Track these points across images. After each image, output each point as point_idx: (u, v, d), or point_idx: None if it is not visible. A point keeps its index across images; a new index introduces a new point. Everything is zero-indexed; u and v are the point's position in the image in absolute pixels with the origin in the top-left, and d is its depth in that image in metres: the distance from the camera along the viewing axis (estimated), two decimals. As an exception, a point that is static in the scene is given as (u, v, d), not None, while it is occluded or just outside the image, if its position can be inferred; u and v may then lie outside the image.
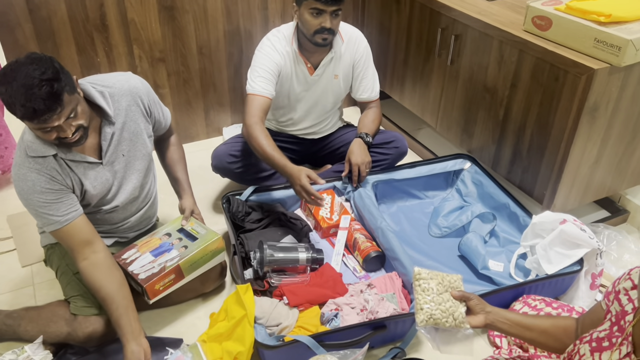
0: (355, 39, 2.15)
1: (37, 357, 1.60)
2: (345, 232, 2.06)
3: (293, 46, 2.06)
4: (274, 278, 1.81)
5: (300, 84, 2.14)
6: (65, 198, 1.53)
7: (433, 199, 2.34)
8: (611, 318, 1.16)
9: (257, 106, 1.99)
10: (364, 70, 2.19)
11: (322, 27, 1.94)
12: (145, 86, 1.70)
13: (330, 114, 2.30)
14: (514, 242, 2.03)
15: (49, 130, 1.39)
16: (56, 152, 1.49)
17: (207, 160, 2.28)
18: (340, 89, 2.22)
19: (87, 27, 2.24)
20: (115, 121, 1.59)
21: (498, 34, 1.98)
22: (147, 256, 1.68)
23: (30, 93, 1.30)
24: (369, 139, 2.16)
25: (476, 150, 2.27)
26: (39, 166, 1.48)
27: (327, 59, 2.10)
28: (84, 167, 1.56)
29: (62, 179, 1.52)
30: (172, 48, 2.45)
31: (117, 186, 1.66)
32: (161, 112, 1.78)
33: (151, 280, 1.60)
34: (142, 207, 1.80)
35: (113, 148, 1.61)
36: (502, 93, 2.05)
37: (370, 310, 1.68)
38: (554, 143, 1.89)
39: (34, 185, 1.49)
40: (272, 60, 2.04)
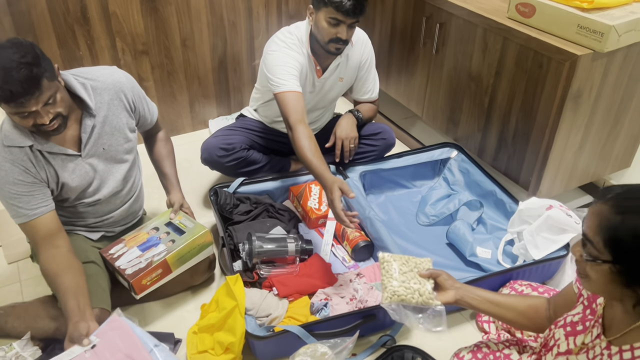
0: (363, 42, 2.13)
1: (25, 353, 1.59)
2: (333, 222, 2.06)
3: (307, 49, 2.02)
4: (263, 269, 1.81)
5: (309, 85, 2.12)
6: (37, 192, 1.52)
7: (421, 188, 2.35)
8: (583, 302, 1.18)
9: (295, 103, 1.86)
10: (368, 72, 2.19)
11: (337, 37, 1.90)
12: (130, 81, 1.68)
13: (325, 112, 2.31)
14: (501, 229, 2.05)
15: (26, 115, 1.38)
16: (32, 144, 1.48)
17: (194, 152, 2.27)
18: (342, 90, 2.23)
19: (67, 20, 2.21)
20: (96, 114, 1.57)
21: (482, 21, 1.99)
22: (134, 251, 1.67)
23: (9, 76, 1.29)
24: (360, 115, 2.16)
25: (462, 138, 2.29)
26: (14, 157, 1.47)
27: (335, 63, 2.08)
28: (62, 159, 1.55)
29: (36, 172, 1.51)
30: (155, 40, 2.42)
31: (98, 180, 1.65)
32: (147, 107, 1.77)
33: (138, 276, 1.59)
34: (127, 201, 1.79)
35: (93, 141, 1.59)
36: (486, 81, 2.06)
37: (359, 299, 1.69)
38: (538, 130, 1.90)
39: (6, 175, 1.48)
40: (295, 59, 1.95)
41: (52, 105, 1.41)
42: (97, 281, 1.64)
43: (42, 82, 1.35)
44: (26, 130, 1.47)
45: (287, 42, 1.98)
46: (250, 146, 2.21)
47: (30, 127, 1.42)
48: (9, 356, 1.59)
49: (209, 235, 1.74)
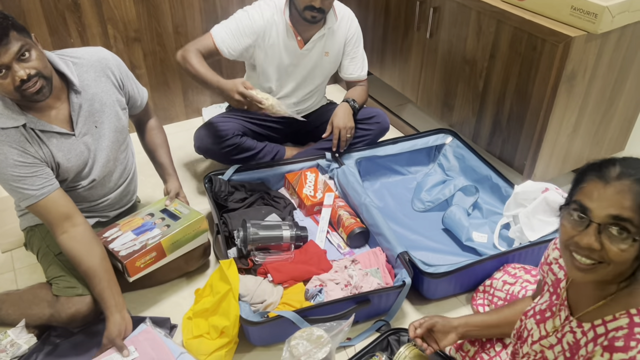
0: (348, 18, 2.14)
1: (20, 340, 1.59)
2: (329, 209, 2.06)
3: (285, 16, 2.03)
4: (258, 256, 1.80)
5: (290, 57, 2.11)
6: (40, 172, 1.51)
7: (416, 175, 2.35)
8: (549, 289, 1.18)
9: (204, 45, 1.99)
10: (355, 49, 2.18)
11: (311, 5, 1.91)
12: (116, 59, 1.69)
13: (315, 91, 2.28)
14: (496, 213, 2.04)
15: (4, 70, 1.37)
16: (25, 122, 1.48)
17: (188, 141, 2.26)
18: (329, 67, 2.21)
19: (58, 6, 2.19)
20: (81, 90, 1.57)
21: (476, 4, 1.97)
22: (128, 234, 1.67)
23: None
24: (356, 104, 2.16)
25: (457, 123, 2.28)
26: (10, 139, 1.46)
27: (318, 35, 2.07)
28: (56, 138, 1.54)
29: (35, 151, 1.50)
30: (148, 27, 2.40)
31: (92, 159, 1.64)
32: (135, 88, 1.76)
33: (131, 257, 1.58)
34: (121, 184, 1.78)
35: (84, 119, 1.59)
36: (481, 64, 2.05)
37: (354, 285, 1.69)
38: (533, 113, 1.89)
39: (6, 159, 1.46)
40: (251, 23, 2.01)
41: (27, 61, 1.39)
42: None
43: (10, 32, 1.35)
44: (17, 108, 1.47)
45: (262, 7, 2.04)
46: (244, 133, 2.20)
47: (13, 90, 1.40)
48: (3, 343, 1.58)
49: (204, 221, 1.74)
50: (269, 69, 2.14)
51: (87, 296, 1.58)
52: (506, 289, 1.65)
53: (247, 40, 2.03)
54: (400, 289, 1.63)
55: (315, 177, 2.17)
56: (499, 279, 1.69)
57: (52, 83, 1.47)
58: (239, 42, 2.03)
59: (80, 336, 1.64)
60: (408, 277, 1.64)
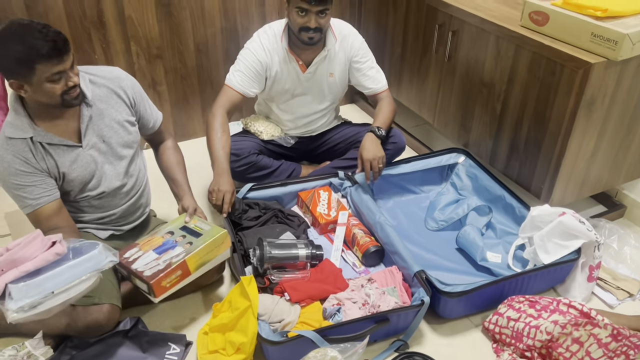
0: (349, 36, 2.15)
1: (37, 352, 1.59)
2: (343, 227, 2.07)
3: (282, 43, 2.07)
4: (274, 275, 1.81)
5: (293, 81, 2.15)
6: (40, 182, 1.57)
7: (429, 194, 2.35)
8: None
9: (226, 97, 2.07)
10: (364, 64, 2.18)
11: (306, 26, 1.95)
12: (131, 79, 1.75)
13: (327, 111, 2.31)
14: (510, 234, 2.05)
15: (59, 78, 1.46)
16: (32, 136, 1.55)
17: (204, 157, 2.27)
18: (337, 87, 2.23)
19: (84, 23, 2.24)
20: (92, 104, 1.63)
21: (495, 29, 2.00)
22: (150, 254, 1.65)
23: (45, 32, 1.43)
24: (382, 132, 2.12)
25: (473, 145, 2.29)
26: (15, 148, 1.54)
27: (320, 57, 2.11)
28: (62, 150, 1.60)
29: (36, 162, 1.56)
30: (170, 45, 2.45)
31: (99, 171, 1.68)
32: (149, 109, 1.81)
33: (157, 277, 1.56)
34: (132, 197, 1.80)
35: (92, 132, 1.64)
36: (499, 88, 2.07)
37: (372, 304, 1.68)
38: (551, 137, 1.90)
39: (9, 167, 1.54)
40: (256, 57, 2.06)
41: (75, 71, 1.52)
42: (108, 277, 1.65)
43: (69, 45, 1.48)
44: (27, 120, 1.55)
45: (261, 38, 2.09)
46: (260, 151, 2.22)
47: (59, 92, 1.49)
48: (21, 355, 1.59)
49: (227, 237, 1.73)
50: (276, 94, 2.19)
51: (105, 305, 1.60)
52: (511, 326, 1.65)
53: (261, 73, 2.09)
54: (419, 308, 1.63)
55: (329, 195, 2.18)
56: (503, 315, 1.69)
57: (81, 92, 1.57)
58: (254, 79, 2.08)
59: (96, 348, 1.64)
60: (426, 296, 1.64)
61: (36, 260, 1.39)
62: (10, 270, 1.37)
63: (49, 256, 1.40)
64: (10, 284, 1.36)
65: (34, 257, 1.39)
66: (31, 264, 1.38)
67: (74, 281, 1.41)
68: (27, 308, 1.35)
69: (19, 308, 1.34)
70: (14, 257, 1.37)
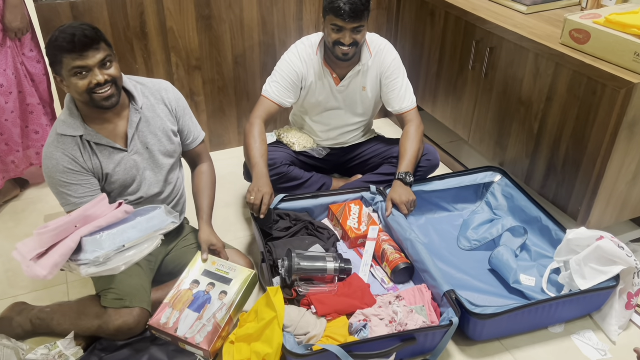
0: (383, 52, 2.14)
1: (68, 352, 1.64)
2: (373, 243, 2.05)
3: (317, 55, 2.09)
4: (302, 287, 1.80)
5: (326, 94, 2.16)
6: (85, 182, 1.62)
7: (462, 212, 2.32)
8: None
9: (263, 108, 2.10)
10: (393, 81, 2.16)
11: (340, 41, 1.96)
12: (177, 93, 1.79)
13: (360, 125, 2.30)
14: (546, 257, 1.99)
15: (84, 74, 1.51)
16: (83, 134, 1.60)
17: (238, 167, 2.31)
18: (369, 101, 2.22)
19: (127, 34, 2.31)
20: (141, 110, 1.68)
21: (534, 46, 1.97)
22: (188, 314, 1.63)
23: (76, 27, 1.50)
24: (410, 179, 2.06)
25: (509, 163, 2.25)
26: (65, 146, 1.59)
27: (354, 72, 2.11)
28: (109, 152, 1.65)
29: (83, 161, 1.61)
30: (209, 56, 2.50)
31: (140, 176, 1.72)
32: (191, 124, 1.84)
33: (213, 342, 1.57)
34: (169, 204, 1.83)
35: (138, 138, 1.69)
36: (537, 106, 2.03)
37: (399, 322, 1.66)
38: (590, 158, 1.85)
39: (57, 164, 1.59)
40: (293, 68, 2.09)
41: (107, 69, 1.55)
42: (140, 282, 1.69)
43: (101, 41, 1.53)
44: (80, 120, 1.60)
45: (299, 48, 2.11)
46: (292, 162, 2.23)
47: (84, 91, 1.53)
48: (52, 354, 1.63)
49: (256, 276, 1.74)
50: (310, 106, 2.20)
51: (135, 309, 1.63)
52: None
53: (296, 83, 2.11)
54: (447, 329, 1.60)
55: (360, 209, 2.17)
56: None
57: (120, 95, 1.61)
58: (290, 89, 2.11)
59: (124, 352, 1.67)
60: (455, 316, 1.61)
61: (108, 217, 1.48)
62: (84, 226, 1.44)
63: (118, 214, 1.49)
64: (84, 237, 1.43)
65: (104, 215, 1.47)
66: (103, 220, 1.47)
67: (142, 237, 1.49)
68: (101, 260, 1.42)
69: (95, 258, 1.41)
70: (86, 214, 1.46)
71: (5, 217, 2.31)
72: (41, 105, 2.26)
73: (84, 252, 1.43)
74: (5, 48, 2.08)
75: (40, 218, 2.30)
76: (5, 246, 2.15)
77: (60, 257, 1.41)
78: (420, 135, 2.15)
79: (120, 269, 1.46)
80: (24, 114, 2.25)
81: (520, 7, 2.23)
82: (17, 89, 2.17)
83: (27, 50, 2.16)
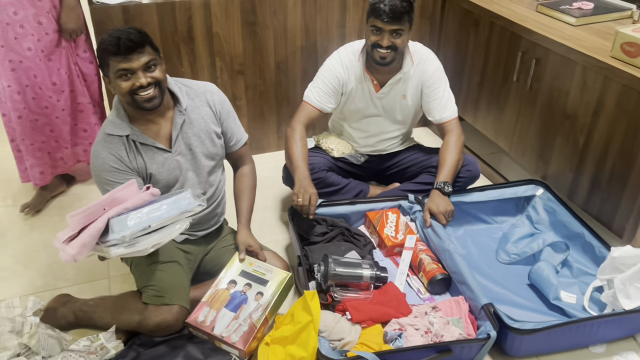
0: (426, 60, 2.13)
1: (109, 345, 1.68)
2: (410, 252, 2.04)
3: (359, 61, 2.10)
4: (337, 292, 1.81)
5: (366, 100, 2.17)
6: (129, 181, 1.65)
7: (502, 225, 2.28)
8: None
9: (304, 113, 2.13)
10: (434, 91, 2.14)
11: (378, 43, 1.97)
12: (221, 95, 1.82)
13: (398, 133, 2.30)
14: (588, 274, 1.94)
15: (128, 76, 1.55)
16: (129, 134, 1.65)
17: (276, 171, 2.34)
18: (409, 110, 2.22)
19: (175, 38, 2.37)
20: (185, 112, 1.71)
21: (582, 59, 1.93)
22: (224, 313, 1.66)
23: (123, 31, 1.55)
24: (449, 188, 2.05)
25: (551, 177, 2.21)
26: (111, 145, 1.64)
27: (395, 79, 2.11)
28: (153, 152, 1.69)
29: (129, 161, 1.66)
30: (252, 62, 2.54)
31: (183, 177, 1.75)
32: (234, 126, 1.86)
33: (248, 342, 1.59)
34: (210, 205, 1.86)
35: (181, 139, 1.72)
36: (583, 120, 1.99)
37: (435, 333, 1.65)
38: (638, 174, 1.80)
39: (103, 163, 1.64)
40: (334, 73, 2.11)
41: (151, 72, 1.58)
42: (180, 280, 1.72)
43: (146, 45, 1.56)
44: (127, 120, 1.65)
45: (341, 54, 2.14)
46: (330, 168, 2.24)
47: (128, 91, 1.57)
48: (94, 346, 1.68)
49: (292, 279, 1.75)
50: (349, 113, 2.22)
51: (174, 306, 1.66)
52: None
53: (337, 89, 2.13)
54: (484, 342, 1.58)
55: (397, 217, 2.16)
56: None
57: (163, 97, 1.64)
58: (331, 94, 2.13)
59: (161, 348, 1.70)
60: (493, 330, 1.59)
61: (135, 199, 1.52)
62: (112, 208, 1.49)
63: (145, 196, 1.53)
64: (111, 218, 1.48)
65: (132, 197, 1.52)
66: (130, 202, 1.51)
67: (168, 219, 1.52)
68: (128, 239, 1.46)
69: (121, 237, 1.45)
70: (114, 197, 1.51)
71: (52, 211, 2.40)
72: (91, 104, 2.34)
73: (111, 233, 1.47)
74: (60, 48, 2.17)
75: (84, 214, 2.37)
76: (51, 239, 2.21)
77: (89, 237, 1.44)
78: (461, 145, 2.13)
79: (148, 250, 1.49)
80: (74, 112, 2.33)
81: (569, 18, 2.19)
82: (69, 88, 2.25)
83: (81, 50, 2.25)
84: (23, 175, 2.39)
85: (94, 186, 1.73)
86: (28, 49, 2.10)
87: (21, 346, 1.64)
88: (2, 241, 2.22)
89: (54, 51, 2.15)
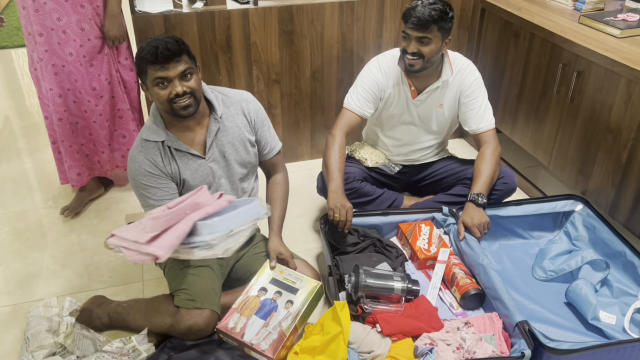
0: (465, 70, 2.11)
1: (141, 347, 1.70)
2: (443, 265, 2.00)
3: (399, 66, 2.10)
4: (367, 304, 1.79)
5: (402, 106, 2.16)
6: (164, 185, 1.70)
7: (539, 240, 2.22)
8: None
9: (345, 120, 2.14)
10: (472, 100, 2.12)
11: (405, 49, 1.98)
12: (257, 104, 1.84)
13: (433, 143, 2.27)
14: (629, 294, 1.87)
15: (165, 85, 1.59)
16: (164, 140, 1.69)
17: (309, 179, 2.34)
18: (444, 118, 2.19)
19: (213, 47, 2.41)
20: (220, 120, 1.74)
21: (627, 72, 1.87)
22: (254, 320, 1.67)
23: (161, 40, 1.59)
24: (483, 200, 2.01)
25: (592, 193, 2.14)
26: (147, 150, 1.68)
27: (432, 87, 2.10)
28: (187, 158, 1.72)
29: (163, 166, 1.70)
30: (288, 71, 2.56)
31: (216, 183, 1.78)
32: (268, 135, 1.88)
33: (277, 351, 1.60)
34: None
35: (216, 146, 1.75)
36: (626, 135, 1.92)
37: (467, 349, 1.61)
38: (685, 192, 1.73)
39: (139, 167, 1.68)
40: (374, 79, 2.11)
41: (187, 80, 1.62)
42: (212, 285, 1.74)
43: (183, 54, 1.60)
44: (163, 126, 1.69)
45: (379, 60, 2.15)
46: (364, 178, 2.24)
47: (165, 100, 1.61)
48: (126, 348, 1.71)
49: (322, 288, 1.75)
50: (385, 119, 2.21)
51: (206, 310, 1.68)
52: None
53: (376, 94, 2.13)
54: (518, 361, 1.54)
55: (430, 230, 2.13)
56: None
57: (198, 105, 1.68)
58: (370, 100, 2.13)
59: (191, 352, 1.71)
60: (527, 348, 1.54)
61: (214, 204, 1.59)
62: (195, 212, 1.55)
63: (223, 202, 1.60)
64: (198, 222, 1.53)
65: (210, 203, 1.58)
66: (212, 208, 1.58)
67: (243, 225, 1.59)
68: (213, 242, 1.52)
69: (211, 240, 1.51)
70: (196, 202, 1.58)
71: (90, 214, 2.46)
72: (130, 110, 2.40)
73: (198, 235, 1.53)
74: (102, 55, 2.24)
75: (121, 217, 2.43)
76: (88, 241, 2.28)
77: (177, 239, 1.50)
78: (497, 157, 2.09)
79: (219, 254, 1.55)
80: (114, 118, 2.39)
81: (613, 30, 2.13)
82: (109, 94, 2.31)
83: (123, 58, 2.31)
84: (62, 177, 2.46)
85: (131, 191, 1.77)
86: (70, 54, 2.17)
87: (57, 345, 1.68)
88: (42, 241, 2.29)
89: (95, 57, 2.22)
